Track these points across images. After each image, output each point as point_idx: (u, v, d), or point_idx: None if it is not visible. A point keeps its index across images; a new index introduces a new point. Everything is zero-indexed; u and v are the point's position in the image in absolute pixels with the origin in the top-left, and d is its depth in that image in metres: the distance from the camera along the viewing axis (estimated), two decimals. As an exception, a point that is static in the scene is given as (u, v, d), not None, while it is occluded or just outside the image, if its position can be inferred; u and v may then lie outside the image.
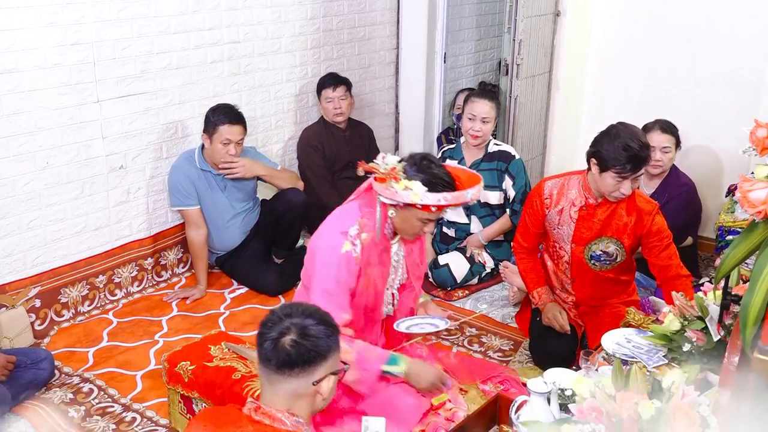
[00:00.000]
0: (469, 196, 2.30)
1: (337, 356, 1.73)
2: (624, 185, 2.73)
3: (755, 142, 1.56)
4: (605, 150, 2.71)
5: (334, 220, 2.43)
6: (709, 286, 2.22)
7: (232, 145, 3.62)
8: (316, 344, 1.66)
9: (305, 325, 1.67)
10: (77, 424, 2.76)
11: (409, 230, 2.41)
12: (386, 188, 2.26)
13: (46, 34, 3.18)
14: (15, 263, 3.28)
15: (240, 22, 3.98)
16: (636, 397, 1.60)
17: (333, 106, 4.28)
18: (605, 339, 2.34)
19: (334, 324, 1.74)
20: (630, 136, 2.70)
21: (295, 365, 1.64)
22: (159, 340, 3.36)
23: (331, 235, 2.37)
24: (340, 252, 2.33)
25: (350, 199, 2.50)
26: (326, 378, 1.69)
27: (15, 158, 3.19)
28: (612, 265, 2.97)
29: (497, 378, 2.68)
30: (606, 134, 2.76)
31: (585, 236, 2.93)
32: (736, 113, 3.91)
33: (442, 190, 2.26)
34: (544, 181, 3.03)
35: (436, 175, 2.27)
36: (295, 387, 1.67)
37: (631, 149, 2.66)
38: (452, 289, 3.77)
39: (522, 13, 4.16)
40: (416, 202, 2.24)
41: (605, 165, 2.72)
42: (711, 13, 4.02)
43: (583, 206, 2.90)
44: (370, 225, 2.38)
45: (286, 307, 1.75)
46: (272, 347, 1.65)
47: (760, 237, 1.47)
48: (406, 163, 2.30)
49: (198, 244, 3.73)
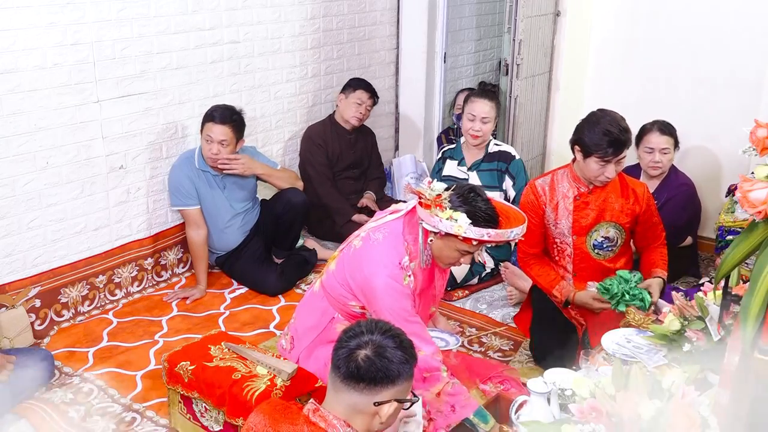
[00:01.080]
0: (512, 236, 2.30)
1: (408, 386, 1.74)
2: (608, 169, 2.82)
3: (755, 142, 1.56)
4: (587, 136, 2.82)
5: (387, 248, 2.41)
6: (709, 286, 2.22)
7: (214, 144, 3.57)
8: (387, 366, 1.67)
9: (384, 345, 1.69)
10: (77, 424, 2.75)
11: (445, 259, 2.43)
12: (431, 215, 2.26)
13: (46, 34, 3.18)
14: (15, 263, 3.27)
15: (240, 22, 3.98)
16: (636, 397, 1.60)
17: (359, 110, 4.32)
18: (605, 339, 2.34)
19: (413, 353, 1.74)
20: (610, 121, 2.80)
21: (361, 380, 1.66)
22: (159, 340, 3.35)
23: (390, 267, 2.37)
24: (402, 284, 2.36)
25: (390, 217, 2.50)
26: (389, 403, 1.69)
27: (15, 158, 3.19)
28: (614, 251, 3.01)
29: (497, 378, 2.68)
30: (587, 121, 2.87)
31: (584, 225, 2.98)
32: (736, 113, 3.91)
33: (486, 225, 2.26)
34: (534, 181, 3.08)
35: (481, 209, 2.27)
36: (357, 401, 1.68)
37: (611, 134, 2.76)
38: (452, 289, 3.77)
39: (522, 13, 4.16)
40: (459, 233, 2.24)
41: (588, 151, 2.82)
42: (711, 13, 4.02)
43: (577, 196, 2.97)
44: (414, 251, 2.40)
45: (373, 322, 1.76)
46: (346, 356, 1.68)
47: (760, 237, 1.47)
48: (453, 193, 2.29)
49: (198, 244, 3.73)
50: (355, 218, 4.25)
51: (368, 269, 2.40)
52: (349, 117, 4.34)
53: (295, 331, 2.73)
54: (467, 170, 3.84)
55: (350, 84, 4.37)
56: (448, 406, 2.32)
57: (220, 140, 3.58)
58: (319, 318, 2.62)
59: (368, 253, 2.43)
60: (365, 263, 2.42)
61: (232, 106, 3.67)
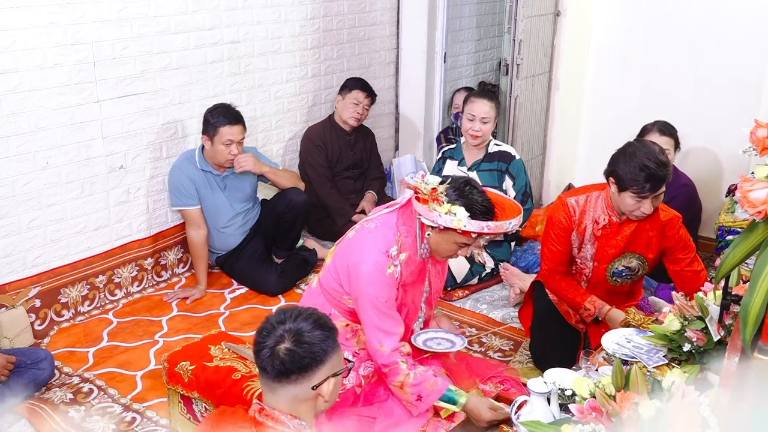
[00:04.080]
0: (510, 227, 2.29)
1: (338, 357, 1.72)
2: (644, 204, 2.66)
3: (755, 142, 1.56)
4: (622, 170, 2.64)
5: (375, 237, 2.40)
6: (709, 286, 2.22)
7: (234, 145, 3.63)
8: (310, 350, 1.65)
9: (300, 330, 1.66)
10: (77, 424, 2.75)
11: (443, 252, 2.42)
12: (429, 210, 2.26)
13: (46, 34, 3.18)
14: (15, 263, 3.28)
15: (240, 22, 3.98)
16: (636, 397, 1.60)
17: (356, 110, 4.32)
18: (605, 339, 2.34)
19: (331, 326, 1.72)
20: (647, 154, 2.62)
21: (292, 373, 1.64)
22: (159, 340, 3.36)
23: (376, 254, 2.36)
24: (385, 274, 2.35)
25: (385, 210, 2.49)
26: (326, 381, 1.68)
27: (15, 158, 3.19)
28: (632, 279, 2.93)
29: (497, 378, 2.68)
30: (622, 152, 2.69)
31: (609, 254, 2.85)
32: (736, 113, 3.91)
33: (484, 218, 2.26)
34: (567, 198, 2.92)
35: (477, 202, 2.27)
36: (295, 393, 1.67)
37: (648, 168, 2.59)
38: (452, 289, 3.77)
39: (522, 13, 4.16)
40: (458, 227, 2.24)
41: (623, 185, 2.66)
42: (711, 13, 4.02)
43: (606, 225, 2.82)
44: (407, 244, 2.39)
45: (280, 313, 1.73)
46: (268, 356, 1.65)
47: (760, 237, 1.47)
48: (449, 186, 2.29)
49: (198, 244, 3.73)
50: (355, 218, 4.25)
51: (356, 256, 2.41)
52: (347, 118, 4.34)
53: None
54: (467, 170, 3.84)
55: (346, 84, 4.37)
56: (414, 396, 2.33)
57: (239, 140, 3.64)
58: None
59: (359, 240, 2.44)
60: (355, 250, 2.43)
61: (228, 104, 3.68)
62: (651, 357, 2.17)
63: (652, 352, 2.20)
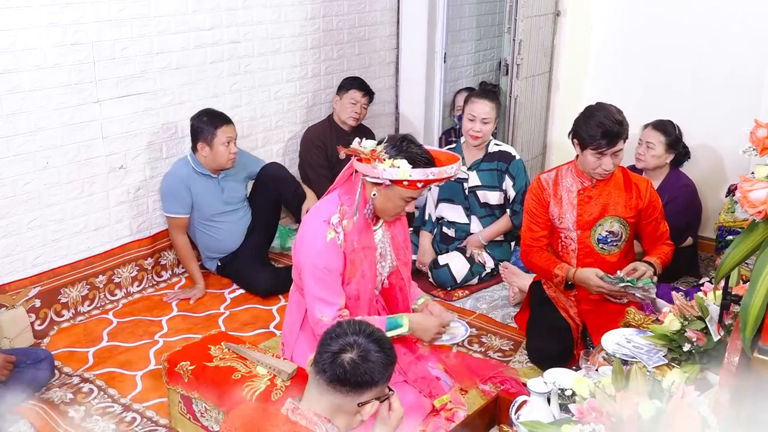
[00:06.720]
0: (452, 171, 2.38)
1: (386, 384, 1.76)
2: (604, 161, 2.88)
3: (755, 142, 1.56)
4: (582, 130, 2.89)
5: (316, 210, 2.49)
6: (709, 286, 2.22)
7: (232, 143, 3.67)
8: (372, 370, 1.68)
9: (368, 348, 1.70)
10: (77, 424, 2.75)
11: (391, 210, 2.46)
12: (372, 168, 2.32)
13: (46, 34, 3.18)
14: (15, 263, 3.28)
15: (240, 22, 3.98)
16: (636, 397, 1.60)
17: (354, 110, 4.32)
18: (605, 339, 2.34)
19: (393, 354, 1.76)
20: (605, 114, 2.86)
21: (347, 384, 1.67)
22: (159, 340, 3.35)
23: (315, 224, 2.43)
24: (325, 241, 2.39)
25: (330, 189, 2.56)
26: (371, 402, 1.72)
27: (15, 158, 3.19)
28: (619, 246, 3.05)
29: (497, 378, 2.69)
30: (583, 114, 2.94)
31: (588, 219, 3.02)
32: (736, 113, 3.90)
33: (426, 166, 2.34)
34: (540, 175, 3.15)
35: (417, 154, 2.35)
36: (341, 403, 1.70)
37: (603, 125, 2.82)
38: (452, 289, 3.77)
39: (522, 13, 4.16)
40: (404, 178, 2.31)
41: (584, 143, 2.89)
42: (711, 13, 4.02)
43: (581, 190, 3.03)
44: (350, 212, 2.43)
45: (355, 323, 1.76)
46: (330, 360, 1.68)
47: (760, 237, 1.48)
48: (387, 144, 2.36)
49: (187, 246, 3.76)
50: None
51: (302, 229, 2.50)
52: (345, 118, 4.34)
53: (283, 333, 2.74)
54: (467, 170, 3.84)
55: (343, 84, 4.37)
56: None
57: (235, 138, 3.69)
58: (296, 311, 2.63)
59: (307, 216, 2.55)
60: (303, 224, 2.53)
61: (210, 108, 3.70)
62: (651, 357, 2.17)
63: (652, 352, 2.20)
